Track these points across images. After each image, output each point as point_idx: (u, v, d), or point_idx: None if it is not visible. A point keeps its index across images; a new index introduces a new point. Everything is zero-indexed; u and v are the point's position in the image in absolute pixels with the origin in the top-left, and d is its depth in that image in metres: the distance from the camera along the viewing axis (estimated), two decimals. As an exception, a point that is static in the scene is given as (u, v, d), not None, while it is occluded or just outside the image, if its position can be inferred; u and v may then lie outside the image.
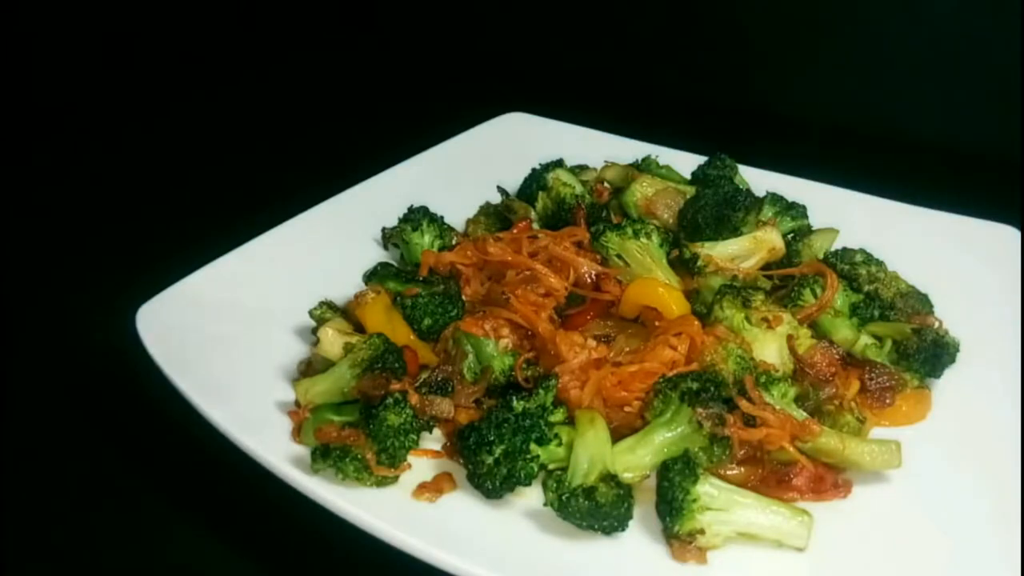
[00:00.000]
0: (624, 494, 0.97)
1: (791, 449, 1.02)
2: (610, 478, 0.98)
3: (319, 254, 1.42)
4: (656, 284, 1.23)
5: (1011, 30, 1.87)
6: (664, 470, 0.99)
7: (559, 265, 1.28)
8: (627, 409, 1.10)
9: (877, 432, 1.12)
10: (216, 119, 2.39)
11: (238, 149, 2.22)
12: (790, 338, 1.14)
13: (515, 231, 1.40)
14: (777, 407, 1.04)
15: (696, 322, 1.16)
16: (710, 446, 1.03)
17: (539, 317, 1.20)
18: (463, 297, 1.28)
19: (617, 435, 1.06)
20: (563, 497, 0.96)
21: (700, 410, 1.02)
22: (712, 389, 1.04)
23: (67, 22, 2.40)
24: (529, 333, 1.21)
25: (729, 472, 1.03)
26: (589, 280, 1.28)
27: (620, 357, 1.16)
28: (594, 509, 0.95)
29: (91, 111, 2.37)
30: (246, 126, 2.35)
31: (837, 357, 1.16)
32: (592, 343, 1.16)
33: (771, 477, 1.03)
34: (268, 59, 2.74)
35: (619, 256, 1.28)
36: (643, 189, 1.42)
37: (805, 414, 1.07)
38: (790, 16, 2.18)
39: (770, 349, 1.13)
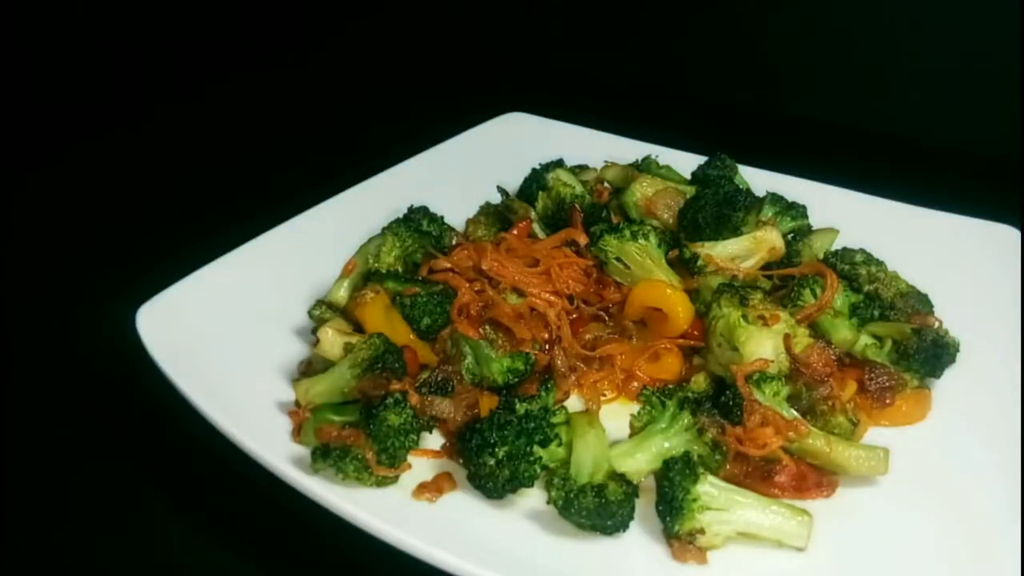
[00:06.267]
0: (631, 492, 0.97)
1: (774, 447, 1.02)
2: (619, 477, 0.98)
3: (319, 254, 1.41)
4: (663, 285, 1.23)
5: (1012, 30, 1.87)
6: (664, 470, 0.99)
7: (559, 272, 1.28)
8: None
9: (876, 432, 1.12)
10: (216, 119, 2.39)
11: (239, 149, 2.22)
12: (786, 337, 1.13)
13: (515, 231, 1.39)
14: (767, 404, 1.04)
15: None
16: (711, 453, 1.03)
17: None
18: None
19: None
20: (569, 495, 0.96)
21: (704, 418, 1.02)
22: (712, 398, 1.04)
23: (66, 24, 2.40)
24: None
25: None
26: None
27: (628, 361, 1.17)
28: (602, 507, 0.94)
29: (90, 112, 2.37)
30: (246, 126, 2.35)
31: (833, 357, 1.16)
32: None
33: (755, 473, 1.03)
34: (267, 59, 2.74)
35: (618, 259, 1.29)
36: (643, 189, 1.42)
37: (796, 413, 1.07)
38: (790, 16, 2.18)
39: (766, 347, 1.13)
